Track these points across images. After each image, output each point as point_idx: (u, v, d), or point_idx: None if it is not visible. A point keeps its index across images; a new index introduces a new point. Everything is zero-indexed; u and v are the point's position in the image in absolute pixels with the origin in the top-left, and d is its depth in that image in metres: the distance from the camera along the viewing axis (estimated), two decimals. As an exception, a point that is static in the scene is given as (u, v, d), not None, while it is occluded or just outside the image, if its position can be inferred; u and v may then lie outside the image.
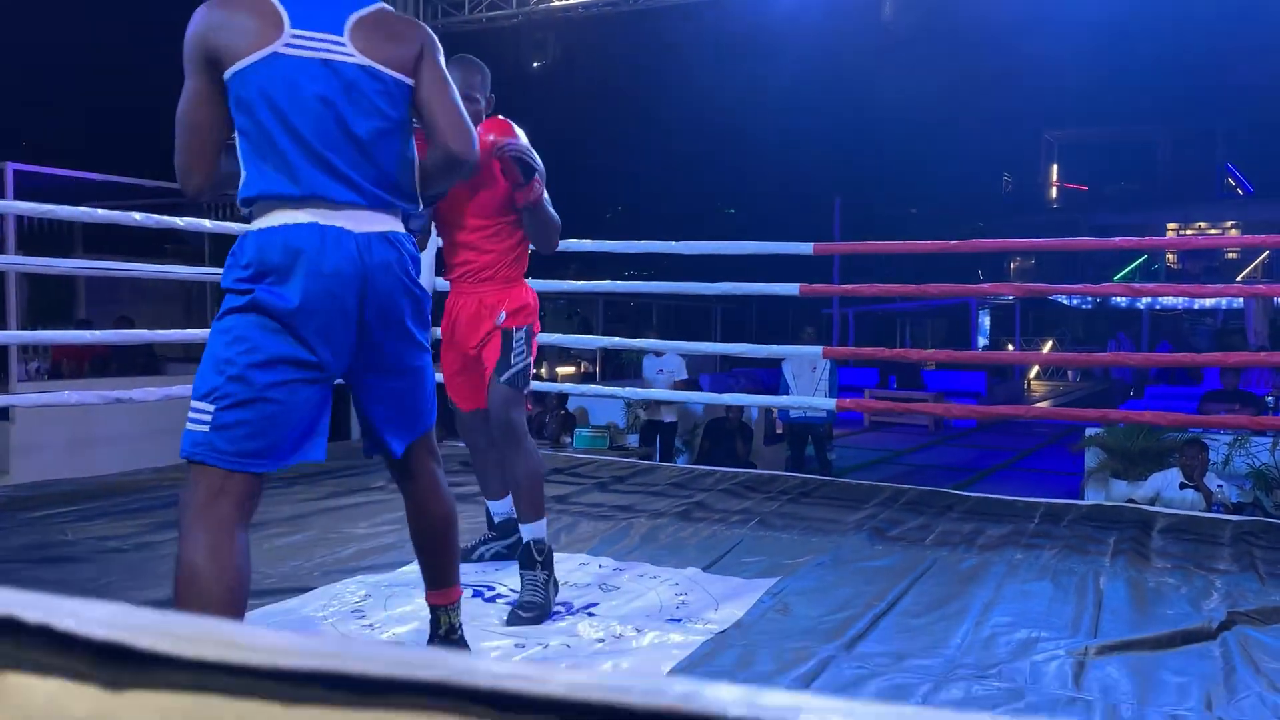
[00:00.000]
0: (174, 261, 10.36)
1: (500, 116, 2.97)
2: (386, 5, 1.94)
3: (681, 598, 2.95)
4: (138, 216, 4.62)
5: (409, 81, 1.89)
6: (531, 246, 3.05)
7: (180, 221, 5.02)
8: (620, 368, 14.11)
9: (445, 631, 2.25)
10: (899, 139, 31.55)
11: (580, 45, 8.67)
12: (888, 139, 31.24)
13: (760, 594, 3.00)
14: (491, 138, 2.76)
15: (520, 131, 2.88)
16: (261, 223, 1.83)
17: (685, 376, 8.05)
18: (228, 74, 1.80)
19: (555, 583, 2.90)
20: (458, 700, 0.32)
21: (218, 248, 9.77)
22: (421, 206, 2.01)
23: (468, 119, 1.96)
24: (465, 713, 0.32)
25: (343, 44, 1.83)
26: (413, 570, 3.22)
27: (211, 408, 1.76)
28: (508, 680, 0.32)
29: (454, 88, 1.94)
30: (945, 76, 27.30)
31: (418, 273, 1.92)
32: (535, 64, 8.14)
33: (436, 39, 1.97)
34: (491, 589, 3.06)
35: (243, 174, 1.83)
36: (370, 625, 2.68)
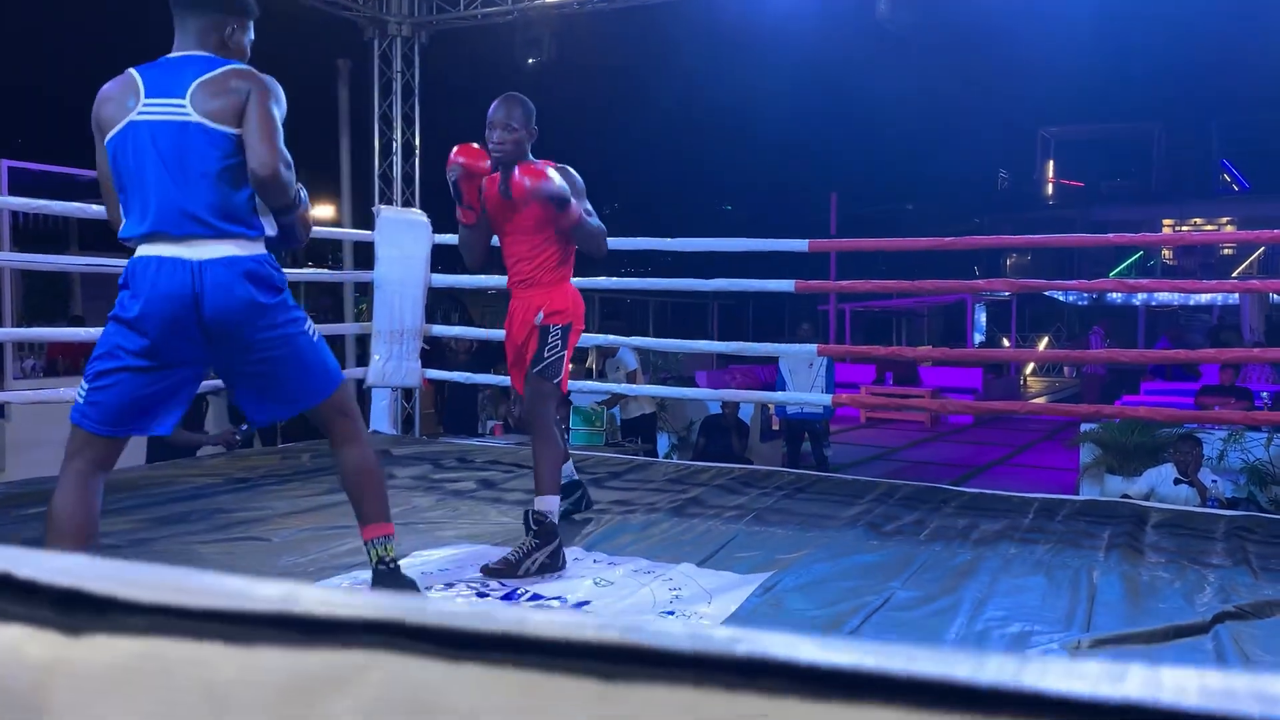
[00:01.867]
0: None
1: (536, 161, 3.27)
2: (235, 66, 2.37)
3: (675, 593, 2.95)
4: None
5: (233, 131, 2.29)
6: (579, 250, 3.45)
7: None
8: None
9: (375, 562, 2.64)
10: (895, 135, 31.57)
11: (575, 42, 8.66)
12: (884, 135, 31.25)
13: (754, 588, 3.01)
14: (528, 182, 3.10)
15: (553, 173, 3.17)
16: (135, 255, 2.35)
17: (634, 367, 8.00)
18: (106, 142, 2.37)
19: (551, 560, 3.07)
20: (408, 639, 0.32)
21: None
22: (274, 223, 2.41)
23: (273, 142, 2.29)
24: (415, 651, 0.32)
25: (183, 105, 2.28)
26: (407, 564, 3.23)
27: (86, 386, 2.35)
28: (457, 619, 0.33)
29: (272, 122, 2.30)
30: (941, 73, 27.30)
31: (267, 283, 2.35)
32: (530, 60, 8.13)
33: (268, 86, 2.35)
34: (523, 593, 3.05)
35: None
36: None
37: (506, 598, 2.89)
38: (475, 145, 3.26)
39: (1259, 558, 3.49)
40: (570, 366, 3.45)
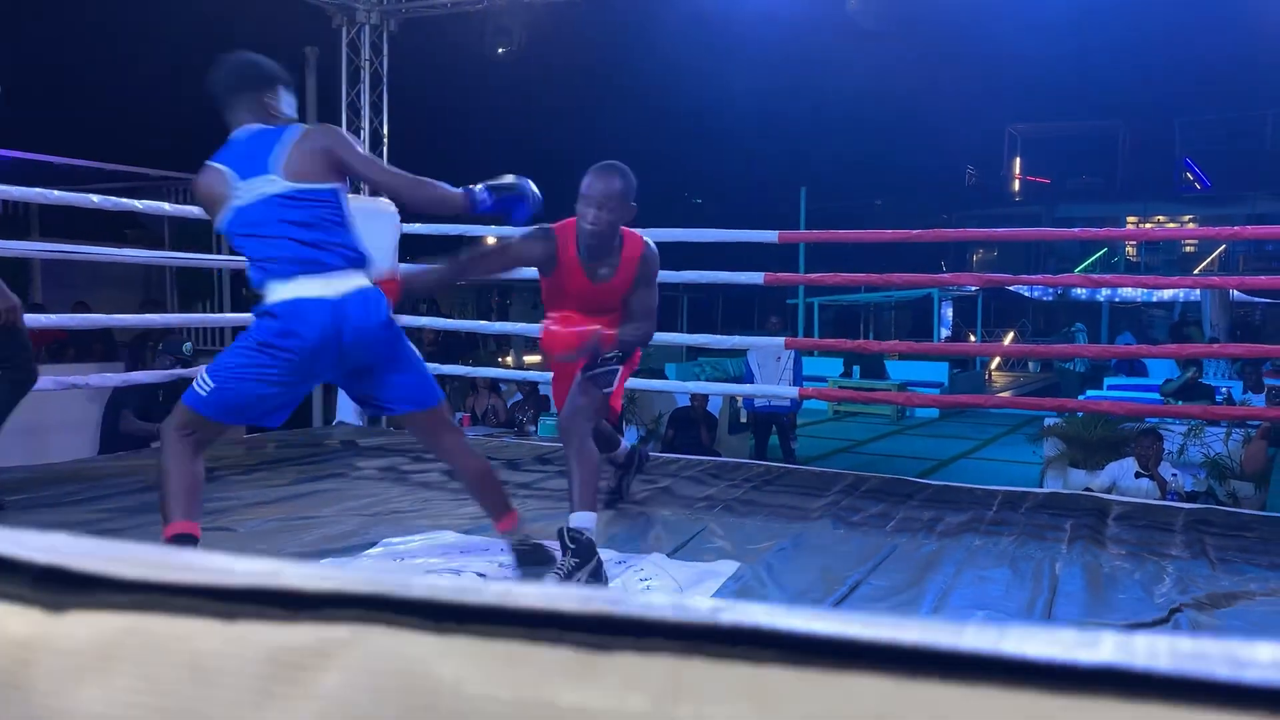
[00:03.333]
0: (136, 246, 10.22)
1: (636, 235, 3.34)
2: (302, 130, 2.67)
3: (646, 584, 2.97)
4: (95, 199, 4.56)
5: (328, 187, 2.66)
6: None
7: (139, 204, 4.95)
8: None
9: (517, 543, 2.97)
10: (864, 130, 31.72)
11: (545, 31, 8.63)
12: (853, 130, 31.39)
13: (724, 579, 3.03)
14: (590, 330, 3.08)
15: (647, 259, 3.31)
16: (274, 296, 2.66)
17: None
18: (219, 228, 2.75)
19: (594, 580, 2.90)
20: (394, 612, 0.33)
21: (178, 232, 9.66)
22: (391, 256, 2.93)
23: (388, 172, 2.78)
24: (402, 624, 0.33)
25: (273, 180, 2.61)
26: (377, 554, 3.22)
27: (213, 383, 2.66)
28: (442, 592, 0.33)
29: (374, 160, 2.82)
30: (910, 68, 27.44)
31: (385, 308, 2.72)
32: (500, 50, 8.09)
33: (337, 130, 2.75)
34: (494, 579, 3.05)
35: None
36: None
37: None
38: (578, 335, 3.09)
39: (1216, 550, 3.56)
40: (623, 385, 3.41)
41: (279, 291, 2.62)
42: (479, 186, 2.81)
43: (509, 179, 2.87)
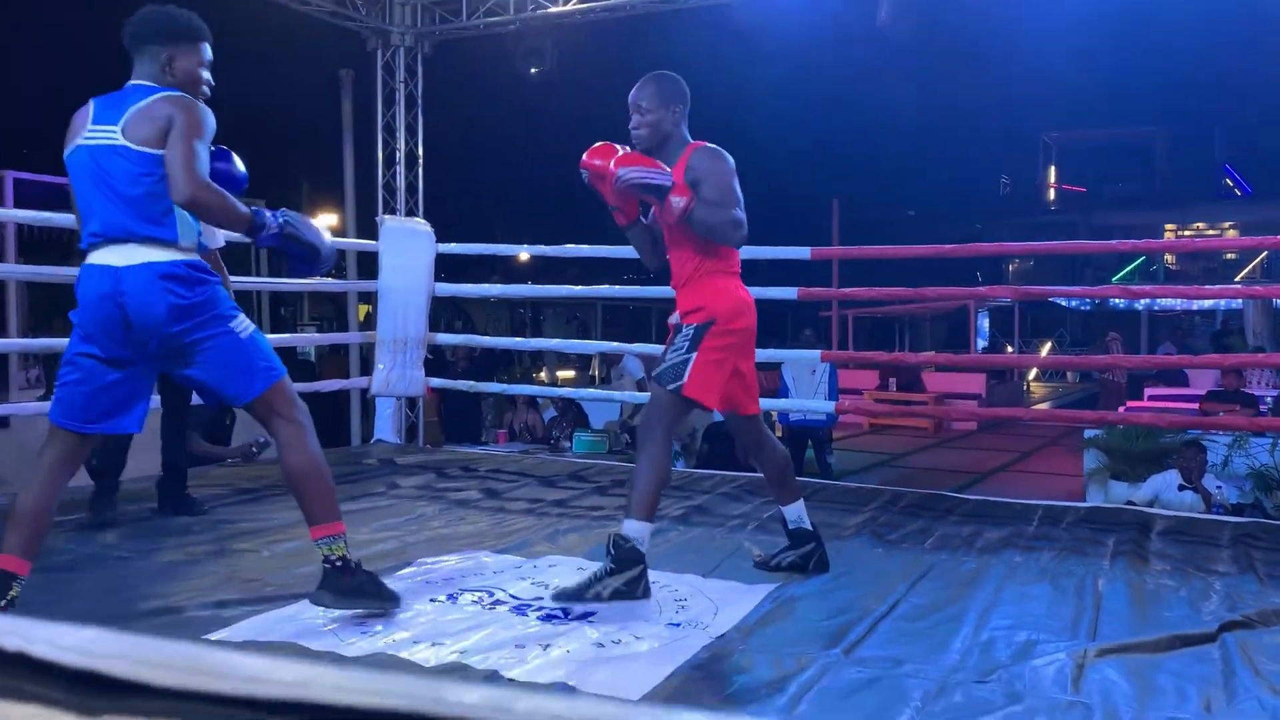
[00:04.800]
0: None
1: (694, 143, 3.01)
2: (164, 94, 2.55)
3: (681, 603, 2.95)
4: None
5: (156, 152, 2.50)
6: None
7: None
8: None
9: (323, 560, 2.67)
10: (897, 141, 31.60)
11: (577, 51, 8.68)
12: (885, 141, 31.27)
13: (760, 598, 3.00)
14: (616, 171, 2.82)
15: (705, 159, 2.94)
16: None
17: (641, 376, 7.97)
18: (64, 159, 2.63)
19: (628, 587, 2.75)
20: None
21: (223, 256, 9.78)
22: (198, 233, 2.61)
23: (189, 169, 2.45)
24: None
25: (114, 131, 2.52)
26: (411, 574, 3.23)
27: (57, 383, 2.59)
28: (478, 709, 0.33)
29: (187, 144, 2.46)
30: (942, 79, 27.33)
31: (184, 285, 2.50)
32: (533, 70, 8.14)
33: (191, 111, 2.53)
34: (530, 606, 3.02)
35: None
36: (371, 633, 2.68)
37: (517, 610, 2.88)
38: (608, 145, 2.94)
39: (1265, 565, 3.48)
40: (718, 374, 2.93)
41: (87, 257, 2.56)
42: (274, 215, 2.58)
43: (309, 235, 2.64)
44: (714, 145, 3.01)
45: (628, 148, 2.94)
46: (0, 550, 2.50)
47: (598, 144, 2.94)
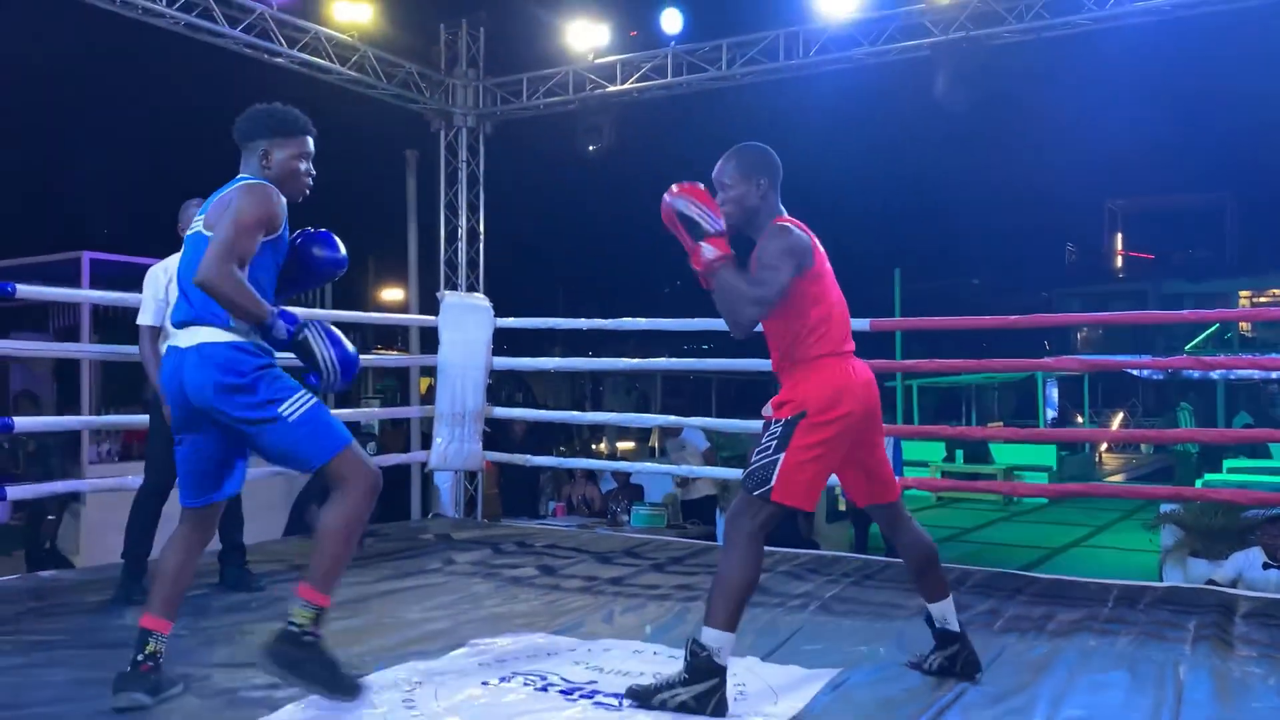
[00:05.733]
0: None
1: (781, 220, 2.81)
2: (243, 182, 2.67)
3: (739, 688, 2.86)
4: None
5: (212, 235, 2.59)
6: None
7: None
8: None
9: (288, 621, 2.62)
10: (958, 209, 31.42)
11: (634, 129, 8.81)
12: (947, 209, 31.14)
13: (821, 685, 2.90)
14: (666, 198, 2.78)
15: (770, 236, 2.74)
16: None
17: (705, 447, 7.87)
18: None
19: (698, 703, 2.57)
20: None
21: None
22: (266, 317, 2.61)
23: (212, 255, 2.52)
24: None
25: (200, 221, 2.67)
26: (463, 655, 3.19)
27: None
28: None
29: (227, 230, 2.55)
30: (1003, 147, 27.22)
31: (235, 369, 2.57)
32: (591, 148, 8.27)
33: (247, 199, 2.61)
34: (580, 690, 2.94)
35: None
36: (420, 716, 2.63)
37: (565, 693, 2.82)
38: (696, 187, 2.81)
39: (1360, 652, 3.29)
40: (813, 474, 2.68)
41: None
42: (292, 324, 2.61)
43: (323, 352, 2.66)
44: (790, 223, 2.80)
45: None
46: (146, 609, 2.73)
47: (688, 184, 2.80)
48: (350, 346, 2.76)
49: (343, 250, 2.98)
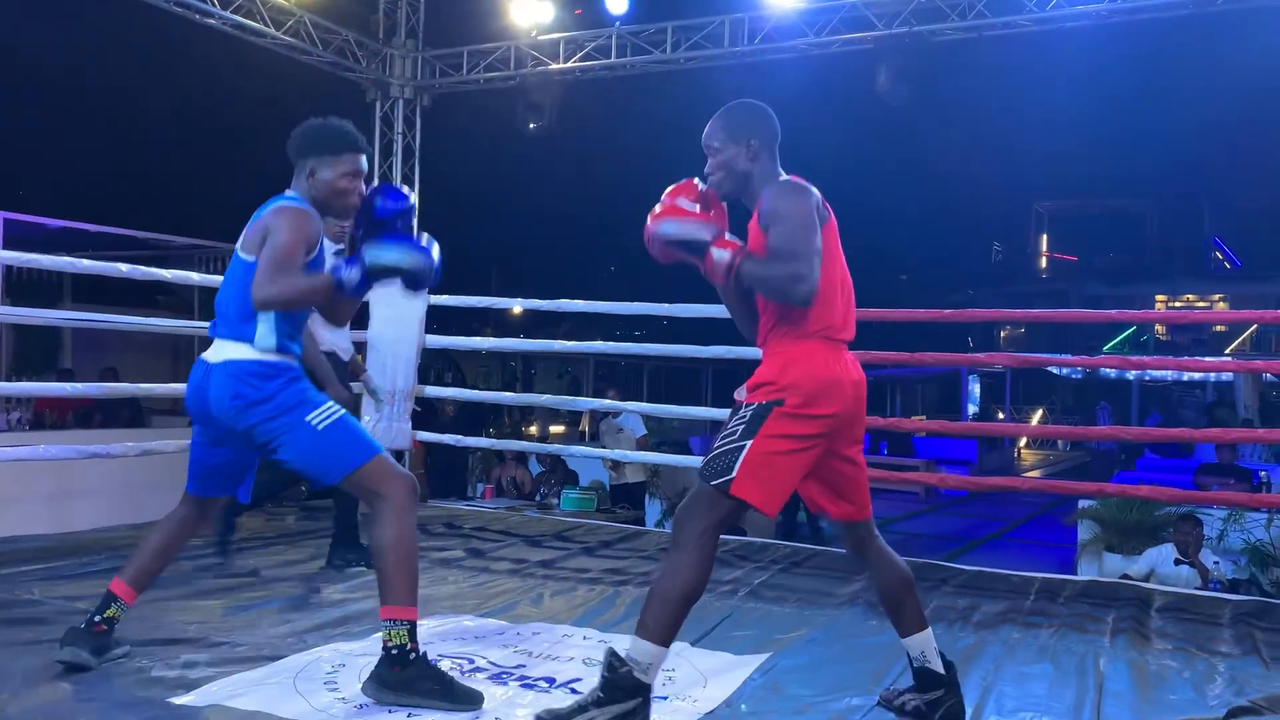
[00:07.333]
0: (167, 313, 10.29)
1: (790, 175, 2.50)
2: (279, 203, 2.65)
3: (669, 674, 2.84)
4: (124, 268, 4.57)
5: (250, 260, 2.61)
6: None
7: (167, 274, 4.96)
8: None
9: (383, 645, 2.53)
10: (890, 206, 31.85)
11: (577, 108, 8.72)
12: (879, 206, 31.53)
13: (750, 671, 2.90)
14: (649, 226, 2.43)
15: (774, 198, 2.39)
16: None
17: (643, 433, 7.87)
18: None
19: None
20: None
21: (207, 299, 9.72)
22: (278, 338, 2.63)
23: (263, 277, 2.52)
24: None
25: (239, 240, 2.68)
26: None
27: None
28: None
29: (271, 253, 2.53)
30: (938, 145, 27.65)
31: (258, 382, 2.58)
32: (531, 126, 8.16)
33: (286, 219, 2.59)
34: (510, 674, 2.89)
35: None
36: (344, 698, 2.56)
37: (494, 678, 2.77)
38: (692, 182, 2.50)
39: (1269, 647, 3.39)
40: (783, 471, 2.33)
41: None
42: (350, 264, 2.52)
43: (394, 261, 2.52)
44: (793, 179, 2.47)
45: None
46: (117, 575, 2.80)
47: (663, 202, 2.46)
48: (408, 239, 2.60)
49: (407, 197, 2.77)
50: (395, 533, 2.56)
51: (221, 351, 2.64)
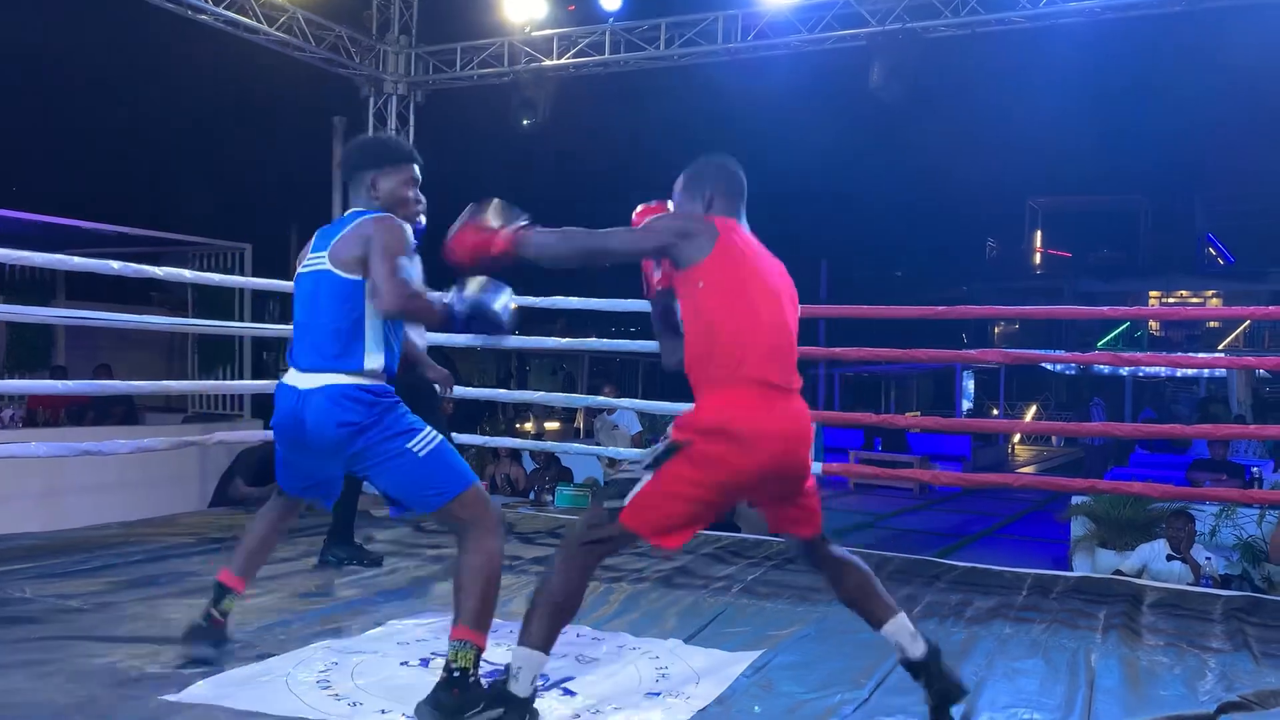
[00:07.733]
0: (160, 310, 10.27)
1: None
2: (367, 216, 2.64)
3: (661, 671, 2.84)
4: (115, 265, 4.55)
5: (354, 279, 2.59)
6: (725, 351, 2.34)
7: (159, 271, 4.95)
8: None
9: (446, 664, 2.45)
10: (885, 203, 31.87)
11: (570, 104, 8.72)
12: (874, 202, 31.54)
13: (743, 668, 2.90)
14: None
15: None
16: None
17: (639, 429, 7.87)
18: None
19: None
20: None
21: (200, 298, 9.71)
22: (385, 359, 2.64)
23: (392, 282, 2.50)
24: None
25: (323, 259, 2.64)
26: (381, 635, 3.12)
27: None
28: None
29: (389, 260, 2.52)
30: (931, 141, 27.65)
31: (359, 409, 2.56)
32: (524, 122, 8.15)
33: (388, 229, 2.59)
34: (546, 679, 2.88)
35: None
36: (336, 695, 2.57)
37: (487, 676, 2.77)
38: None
39: (1260, 643, 3.40)
40: (676, 512, 2.26)
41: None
42: (460, 301, 2.55)
43: (491, 308, 2.59)
44: (718, 220, 2.48)
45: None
46: (224, 567, 2.86)
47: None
48: (496, 294, 2.63)
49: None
50: (485, 559, 2.53)
51: (318, 379, 2.60)
